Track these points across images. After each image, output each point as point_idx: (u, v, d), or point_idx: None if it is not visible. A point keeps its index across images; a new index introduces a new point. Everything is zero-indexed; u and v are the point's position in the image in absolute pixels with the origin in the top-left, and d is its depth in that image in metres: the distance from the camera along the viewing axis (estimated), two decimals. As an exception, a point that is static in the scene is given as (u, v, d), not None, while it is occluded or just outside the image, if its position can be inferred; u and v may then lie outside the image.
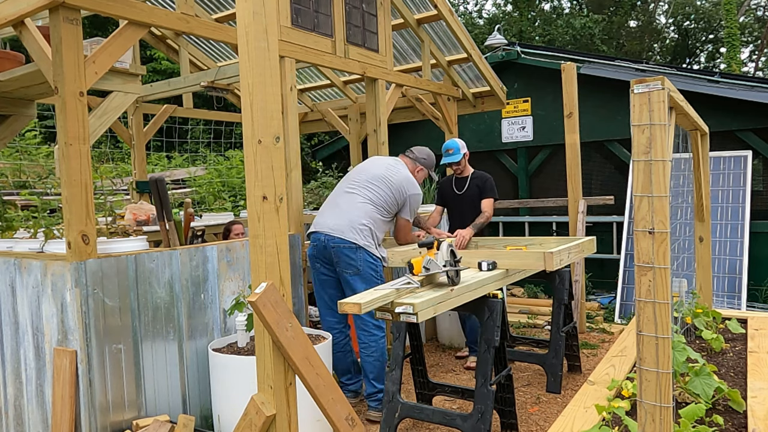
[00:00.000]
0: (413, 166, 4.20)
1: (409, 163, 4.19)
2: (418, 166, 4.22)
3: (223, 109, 7.03)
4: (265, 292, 2.16)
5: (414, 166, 4.21)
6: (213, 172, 8.23)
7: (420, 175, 4.23)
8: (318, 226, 3.81)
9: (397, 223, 4.05)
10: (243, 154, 2.31)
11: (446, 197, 4.92)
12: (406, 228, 4.09)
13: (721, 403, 2.48)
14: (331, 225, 3.74)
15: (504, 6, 20.96)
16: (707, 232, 3.71)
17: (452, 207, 4.90)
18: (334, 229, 3.71)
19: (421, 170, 4.24)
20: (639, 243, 1.63)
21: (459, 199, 4.82)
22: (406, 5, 5.14)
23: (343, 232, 3.68)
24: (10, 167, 6.20)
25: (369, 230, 3.75)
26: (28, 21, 3.00)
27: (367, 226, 3.74)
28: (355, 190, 3.90)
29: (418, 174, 4.21)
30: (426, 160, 4.26)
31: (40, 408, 3.07)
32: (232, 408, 2.95)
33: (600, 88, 6.88)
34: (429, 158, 4.29)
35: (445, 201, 4.93)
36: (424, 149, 4.30)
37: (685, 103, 2.37)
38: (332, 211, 3.84)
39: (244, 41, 2.18)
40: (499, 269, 3.23)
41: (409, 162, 4.20)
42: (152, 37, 5.97)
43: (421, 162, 4.23)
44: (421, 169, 4.24)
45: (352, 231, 3.69)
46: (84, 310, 2.81)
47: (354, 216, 3.75)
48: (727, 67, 15.99)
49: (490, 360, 3.02)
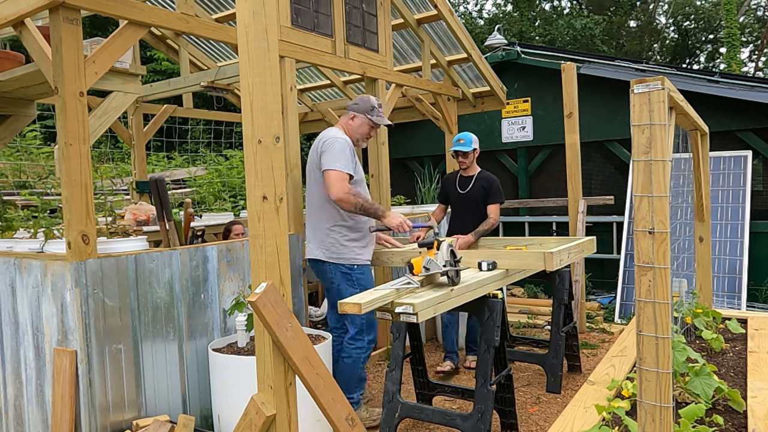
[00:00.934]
0: (345, 119, 3.62)
1: (341, 121, 3.64)
2: (350, 114, 3.59)
3: (223, 109, 7.03)
4: (265, 292, 2.16)
5: (345, 119, 3.61)
6: (213, 172, 8.23)
7: (356, 124, 3.57)
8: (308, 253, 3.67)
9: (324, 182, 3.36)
10: (243, 154, 2.31)
11: (449, 195, 4.73)
12: (333, 181, 3.29)
13: (721, 403, 2.48)
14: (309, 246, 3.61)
15: (504, 6, 20.97)
16: (707, 232, 3.71)
17: (453, 206, 4.72)
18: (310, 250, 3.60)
19: (355, 117, 3.57)
20: (639, 243, 1.63)
21: (461, 198, 4.61)
22: (406, 5, 5.14)
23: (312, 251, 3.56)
24: (10, 167, 6.20)
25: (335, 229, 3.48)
26: (28, 21, 3.00)
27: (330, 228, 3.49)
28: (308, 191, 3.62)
29: (353, 122, 3.57)
30: (358, 104, 3.59)
31: (40, 408, 3.07)
32: (232, 408, 2.95)
33: (600, 88, 6.88)
34: (362, 101, 3.61)
35: (447, 199, 4.77)
36: (359, 96, 3.74)
37: (685, 103, 2.37)
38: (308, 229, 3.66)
39: (244, 41, 2.18)
40: (499, 269, 3.22)
41: (342, 119, 3.65)
42: (152, 37, 5.97)
43: (353, 108, 3.59)
44: (354, 116, 3.57)
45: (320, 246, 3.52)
46: (84, 310, 2.81)
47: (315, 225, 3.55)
48: (727, 67, 16.00)
49: (490, 360, 3.02)
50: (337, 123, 3.69)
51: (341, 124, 3.63)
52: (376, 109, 3.62)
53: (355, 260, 3.50)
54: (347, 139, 3.49)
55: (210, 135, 8.85)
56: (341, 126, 3.62)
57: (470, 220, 4.48)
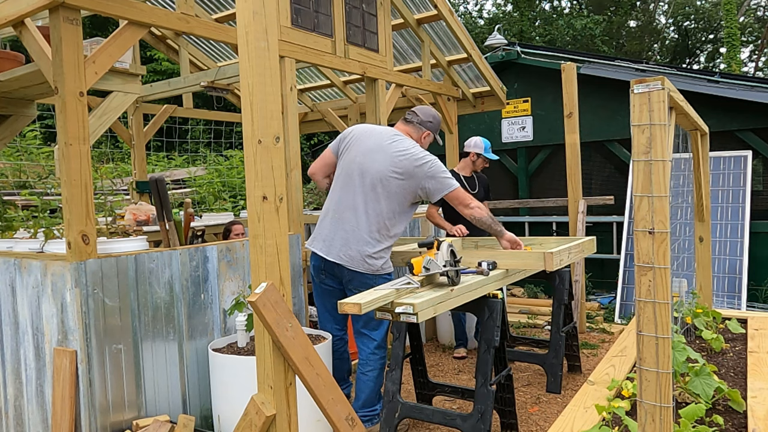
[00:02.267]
0: (418, 133, 3.53)
1: (412, 132, 3.53)
2: (424, 132, 3.54)
3: (223, 109, 7.03)
4: (265, 292, 2.16)
5: (419, 133, 3.54)
6: (213, 172, 8.23)
7: (426, 142, 3.57)
8: (323, 250, 3.36)
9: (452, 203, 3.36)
10: (243, 154, 2.31)
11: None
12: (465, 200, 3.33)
13: (721, 403, 2.48)
14: (340, 252, 3.30)
15: (504, 6, 20.97)
16: (707, 232, 3.71)
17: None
18: (345, 258, 3.28)
19: (428, 135, 3.57)
20: (639, 243, 1.63)
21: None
22: (406, 5, 5.14)
23: (353, 261, 3.27)
24: (10, 167, 6.20)
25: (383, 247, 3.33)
26: (28, 21, 3.00)
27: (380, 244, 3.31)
28: (357, 198, 3.32)
29: (424, 140, 3.56)
30: (432, 122, 3.58)
31: (40, 408, 3.07)
32: (232, 408, 2.95)
33: (600, 88, 6.88)
34: (435, 120, 3.60)
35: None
36: (428, 109, 3.64)
37: (685, 103, 2.37)
38: (336, 230, 3.34)
39: (244, 41, 2.18)
40: (499, 269, 3.22)
41: (412, 130, 3.54)
42: (152, 37, 5.97)
43: (428, 126, 3.56)
44: (428, 134, 3.56)
45: (365, 261, 3.27)
46: (84, 310, 2.81)
47: (363, 239, 3.27)
48: (727, 67, 15.99)
49: (490, 360, 3.02)
50: (409, 134, 3.51)
51: (415, 136, 3.51)
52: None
53: (383, 269, 3.37)
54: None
55: (210, 135, 8.85)
56: (415, 138, 3.50)
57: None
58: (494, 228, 3.44)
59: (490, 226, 3.42)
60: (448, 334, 5.26)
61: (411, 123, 3.55)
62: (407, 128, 3.55)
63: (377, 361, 3.40)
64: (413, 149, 3.36)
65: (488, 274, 3.05)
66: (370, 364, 3.39)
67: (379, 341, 3.40)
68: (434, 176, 3.31)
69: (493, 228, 3.44)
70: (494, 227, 3.44)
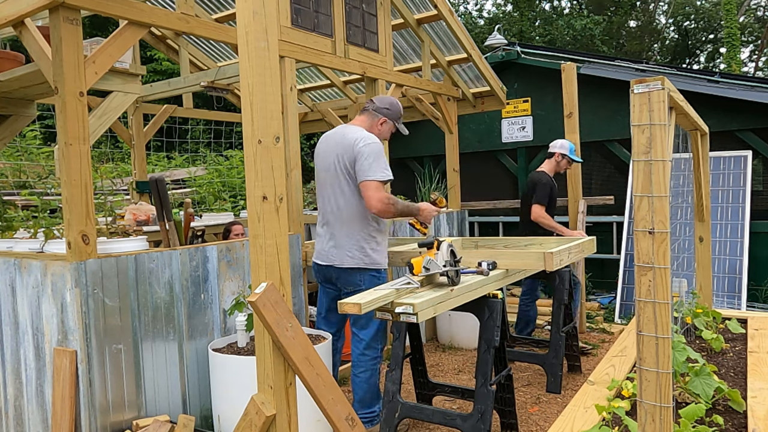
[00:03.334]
0: (372, 120, 3.44)
1: (365, 121, 3.44)
2: (379, 118, 3.44)
3: (223, 109, 7.03)
4: (265, 292, 2.16)
5: (373, 121, 3.44)
6: (213, 172, 8.23)
7: (385, 129, 3.47)
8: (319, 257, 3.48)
9: (362, 192, 3.22)
10: (243, 154, 2.31)
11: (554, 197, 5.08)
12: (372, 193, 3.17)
13: (721, 403, 2.48)
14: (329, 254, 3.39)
15: (504, 6, 20.97)
16: (707, 232, 3.71)
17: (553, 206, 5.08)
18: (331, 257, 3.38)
19: (384, 122, 3.45)
20: (639, 243, 1.63)
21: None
22: (406, 5, 5.14)
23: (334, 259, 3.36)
24: (10, 167, 6.20)
25: (363, 237, 3.34)
26: (28, 21, 3.00)
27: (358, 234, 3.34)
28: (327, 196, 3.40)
29: (382, 127, 3.45)
30: (390, 110, 3.45)
31: (40, 408, 3.07)
32: (232, 408, 2.95)
33: (600, 88, 6.88)
34: (393, 107, 3.47)
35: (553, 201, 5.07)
36: (387, 97, 3.55)
37: (685, 103, 2.37)
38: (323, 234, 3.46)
39: (244, 41, 2.18)
40: (499, 269, 3.22)
41: (366, 117, 3.45)
42: (152, 37, 5.97)
43: (383, 113, 3.44)
44: (384, 121, 3.45)
45: (348, 254, 3.33)
46: (84, 311, 2.81)
47: (343, 233, 3.34)
48: (727, 67, 16.00)
49: (490, 360, 3.02)
50: (358, 121, 3.46)
51: (366, 124, 3.43)
52: (402, 116, 3.58)
53: (382, 263, 3.42)
54: (378, 142, 3.30)
55: (210, 135, 8.86)
56: (365, 127, 3.42)
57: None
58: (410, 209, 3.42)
59: (402, 212, 3.35)
60: (448, 334, 5.26)
61: (366, 111, 3.48)
62: (362, 117, 3.49)
63: (367, 362, 3.38)
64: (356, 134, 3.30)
65: (488, 274, 3.05)
66: (361, 365, 3.39)
67: (368, 341, 3.38)
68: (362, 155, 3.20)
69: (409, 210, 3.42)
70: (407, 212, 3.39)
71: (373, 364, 3.40)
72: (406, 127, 3.67)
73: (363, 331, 3.39)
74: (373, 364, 3.40)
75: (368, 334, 3.38)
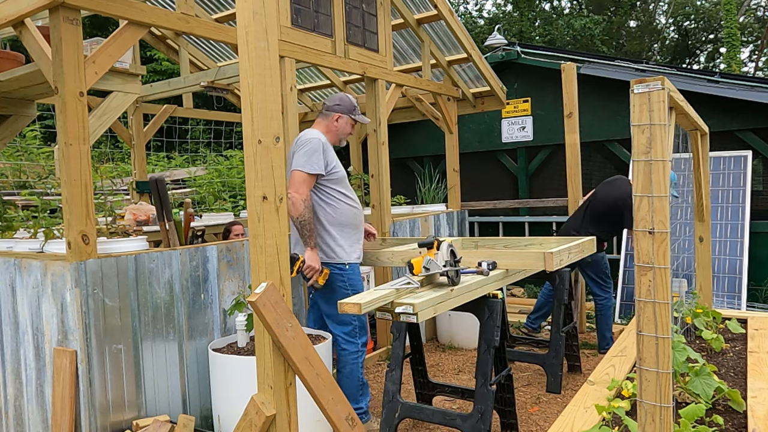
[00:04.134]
0: (327, 120, 3.55)
1: (321, 123, 3.56)
2: (333, 115, 3.54)
3: (223, 109, 7.03)
4: (265, 292, 2.16)
5: (328, 121, 3.55)
6: (213, 172, 8.23)
7: (341, 125, 3.55)
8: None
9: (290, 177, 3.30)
10: (243, 154, 2.31)
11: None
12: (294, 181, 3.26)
13: (721, 403, 2.48)
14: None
15: (504, 6, 20.98)
16: (707, 232, 3.71)
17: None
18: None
19: (339, 118, 3.54)
20: (639, 243, 1.63)
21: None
22: (406, 5, 5.14)
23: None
24: (10, 167, 6.20)
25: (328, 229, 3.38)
26: (28, 21, 3.00)
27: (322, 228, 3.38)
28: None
29: (338, 123, 3.54)
30: (340, 105, 3.54)
31: (40, 408, 3.07)
32: (232, 408, 2.95)
33: (600, 88, 6.88)
34: (343, 101, 3.56)
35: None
36: (337, 94, 3.63)
37: (685, 103, 2.37)
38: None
39: (244, 41, 2.18)
40: (499, 269, 3.22)
41: (322, 119, 3.57)
42: (152, 37, 5.97)
43: (336, 109, 3.54)
44: (338, 117, 3.54)
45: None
46: (84, 311, 2.81)
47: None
48: (727, 67, 16.00)
49: (490, 360, 3.02)
50: (316, 125, 3.58)
51: (323, 126, 3.55)
52: (357, 107, 3.63)
53: (346, 259, 3.43)
54: (322, 138, 3.40)
55: (210, 135, 8.86)
56: (322, 128, 3.54)
57: None
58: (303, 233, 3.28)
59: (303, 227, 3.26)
60: (448, 334, 5.26)
61: (321, 113, 3.59)
62: (319, 120, 3.60)
63: (347, 358, 3.43)
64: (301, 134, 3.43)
65: (488, 274, 3.05)
66: (341, 361, 3.46)
67: (344, 336, 3.42)
68: (297, 150, 3.33)
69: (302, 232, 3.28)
70: (304, 232, 3.27)
71: (354, 359, 3.43)
72: (407, 127, 3.72)
73: (339, 328, 3.43)
74: (354, 359, 3.43)
75: (345, 330, 3.43)
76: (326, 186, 3.41)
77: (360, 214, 3.58)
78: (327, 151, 3.40)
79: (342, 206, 3.44)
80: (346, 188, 3.51)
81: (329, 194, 3.42)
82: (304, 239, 3.29)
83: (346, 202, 3.47)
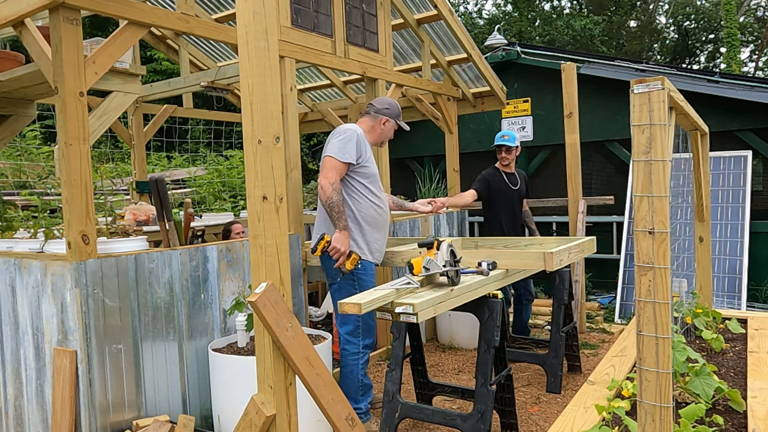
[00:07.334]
0: (373, 122, 3.65)
1: (367, 122, 3.66)
2: (381, 119, 3.64)
3: (223, 109, 7.03)
4: (265, 292, 2.16)
5: (375, 122, 3.65)
6: (213, 172, 8.23)
7: (387, 128, 3.68)
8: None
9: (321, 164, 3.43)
10: (243, 154, 2.31)
11: (498, 191, 4.97)
12: (324, 166, 3.34)
13: (721, 403, 2.48)
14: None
15: (504, 6, 20.97)
16: (707, 232, 3.71)
17: (501, 201, 4.98)
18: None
19: (387, 121, 3.66)
20: (639, 243, 1.63)
21: (514, 194, 5.01)
22: (406, 5, 5.14)
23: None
24: (10, 167, 6.20)
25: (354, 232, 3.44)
26: (28, 21, 3.00)
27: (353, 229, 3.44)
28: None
29: (384, 126, 3.66)
30: (389, 109, 3.67)
31: (40, 408, 3.07)
32: (232, 408, 2.95)
33: (600, 88, 6.88)
34: (392, 106, 3.69)
35: (494, 194, 4.97)
36: (385, 98, 3.78)
37: (685, 103, 2.37)
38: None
39: (244, 41, 2.18)
40: (499, 269, 3.22)
41: (368, 119, 3.66)
42: (152, 37, 5.97)
43: (384, 113, 3.65)
44: (386, 120, 3.66)
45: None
46: (84, 311, 2.81)
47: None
48: (727, 67, 15.99)
49: (490, 360, 3.02)
50: (360, 123, 3.64)
51: (367, 125, 3.63)
52: (401, 113, 3.78)
53: (360, 255, 3.43)
54: (360, 132, 3.44)
55: (210, 135, 8.86)
56: (365, 127, 3.61)
57: (518, 215, 5.02)
58: (333, 216, 3.31)
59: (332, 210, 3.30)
60: (448, 334, 5.26)
61: (368, 113, 3.68)
62: (364, 119, 3.69)
63: (347, 358, 3.47)
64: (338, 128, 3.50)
65: (488, 274, 3.05)
66: (342, 360, 3.50)
67: (345, 336, 3.46)
68: (331, 139, 3.41)
69: (332, 216, 3.31)
70: (333, 216, 3.31)
71: (354, 359, 3.45)
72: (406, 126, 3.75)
73: (342, 327, 3.47)
74: (354, 360, 3.45)
75: (346, 329, 3.46)
76: (354, 179, 3.43)
77: (383, 215, 3.57)
78: (363, 144, 3.44)
79: (365, 203, 3.46)
80: (375, 186, 3.52)
81: (355, 188, 3.44)
82: (333, 221, 3.32)
83: (371, 199, 3.48)
